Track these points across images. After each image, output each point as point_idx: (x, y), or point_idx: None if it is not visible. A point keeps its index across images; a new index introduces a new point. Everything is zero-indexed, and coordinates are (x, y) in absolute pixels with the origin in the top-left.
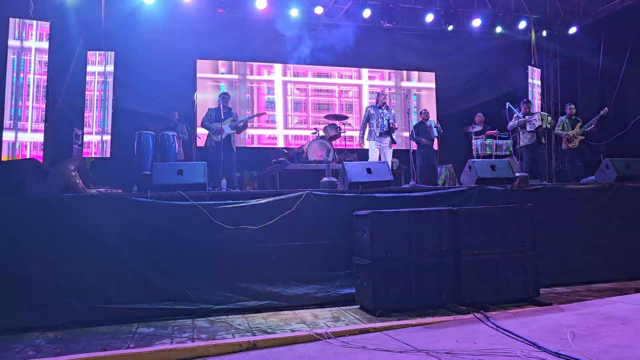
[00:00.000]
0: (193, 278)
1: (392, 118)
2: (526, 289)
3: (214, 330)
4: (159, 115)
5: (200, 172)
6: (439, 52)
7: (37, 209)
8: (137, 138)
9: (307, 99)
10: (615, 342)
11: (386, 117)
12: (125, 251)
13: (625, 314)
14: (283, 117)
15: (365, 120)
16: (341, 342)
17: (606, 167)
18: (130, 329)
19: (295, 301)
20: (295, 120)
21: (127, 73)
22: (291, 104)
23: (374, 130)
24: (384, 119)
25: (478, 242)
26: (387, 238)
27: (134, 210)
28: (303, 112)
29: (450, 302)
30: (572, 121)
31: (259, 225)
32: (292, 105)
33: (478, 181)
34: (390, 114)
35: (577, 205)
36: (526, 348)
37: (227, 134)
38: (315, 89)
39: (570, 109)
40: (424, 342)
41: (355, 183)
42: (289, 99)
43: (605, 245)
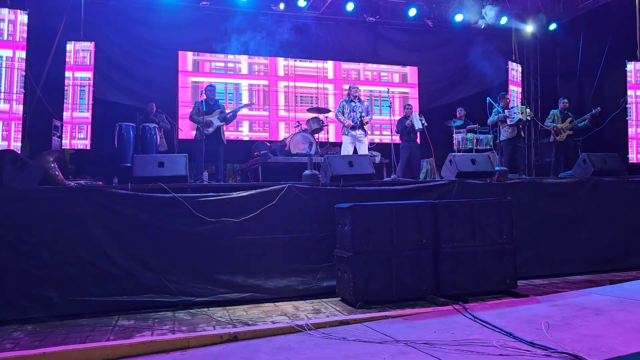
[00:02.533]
0: (174, 270)
1: (364, 111)
2: (504, 281)
3: (194, 323)
4: (141, 107)
5: (182, 165)
6: (422, 47)
7: (16, 201)
8: (117, 130)
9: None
10: (589, 332)
11: (359, 109)
12: (106, 244)
13: (599, 304)
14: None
15: (339, 112)
16: (321, 334)
17: (583, 162)
18: (110, 321)
19: (277, 293)
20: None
21: (107, 64)
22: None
23: (348, 123)
24: (357, 112)
25: (458, 235)
26: (368, 231)
27: (115, 202)
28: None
29: (430, 294)
30: (563, 115)
31: (240, 218)
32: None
33: (458, 175)
34: (364, 106)
35: (555, 199)
36: (502, 338)
37: (217, 126)
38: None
39: (563, 103)
40: (403, 333)
41: (337, 176)
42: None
43: (581, 238)
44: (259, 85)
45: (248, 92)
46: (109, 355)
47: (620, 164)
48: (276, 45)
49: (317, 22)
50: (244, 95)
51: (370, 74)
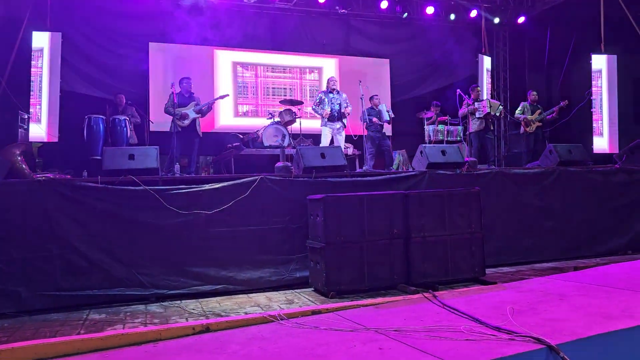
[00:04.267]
0: (145, 263)
1: (343, 102)
2: (473, 269)
3: (167, 315)
4: (110, 99)
5: (153, 157)
6: (394, 39)
7: None
8: (87, 122)
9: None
10: (552, 316)
11: (337, 101)
12: (75, 237)
13: (562, 290)
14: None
15: (316, 105)
16: (294, 323)
17: (549, 153)
18: (81, 315)
19: (250, 285)
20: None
21: (75, 55)
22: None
23: (326, 113)
24: (335, 104)
25: (428, 225)
26: (340, 221)
27: (84, 195)
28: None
29: (401, 283)
30: (532, 107)
31: (212, 210)
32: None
33: (429, 166)
34: (342, 98)
35: (522, 189)
36: (469, 324)
37: (192, 118)
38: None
39: (532, 95)
40: (374, 321)
41: (309, 168)
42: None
43: (548, 227)
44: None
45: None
46: (80, 349)
47: (585, 154)
48: (248, 37)
49: (289, 14)
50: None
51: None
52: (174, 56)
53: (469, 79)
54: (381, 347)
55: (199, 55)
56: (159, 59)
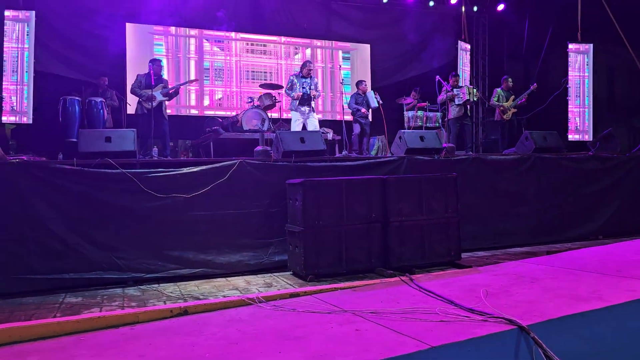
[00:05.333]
0: (123, 247)
1: (314, 87)
2: (449, 253)
3: (144, 298)
4: (86, 80)
5: (130, 140)
6: (375, 24)
7: None
8: (62, 104)
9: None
10: (524, 298)
11: (308, 85)
12: (50, 221)
13: (535, 273)
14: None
15: (288, 90)
16: (272, 306)
17: (525, 139)
18: (57, 299)
19: (229, 268)
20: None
21: (49, 35)
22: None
23: (297, 95)
24: (306, 88)
25: (405, 210)
26: (319, 206)
27: (60, 178)
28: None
29: (378, 266)
30: (507, 94)
31: (191, 194)
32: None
33: (407, 151)
34: (313, 82)
35: (498, 175)
36: (444, 306)
37: (159, 101)
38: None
39: (507, 82)
40: (351, 303)
41: (288, 152)
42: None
43: (522, 212)
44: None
45: (199, 67)
46: (55, 332)
47: (560, 141)
48: (227, 20)
49: None
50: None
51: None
52: (152, 38)
53: (448, 66)
54: (358, 329)
55: (176, 37)
56: (136, 40)
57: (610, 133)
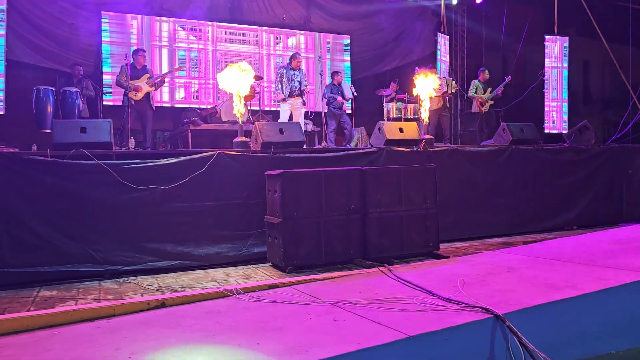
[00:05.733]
0: (99, 239)
1: (303, 80)
2: (427, 244)
3: (121, 291)
4: (60, 70)
5: (106, 131)
6: (354, 16)
7: None
8: (35, 94)
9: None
10: (500, 287)
11: (297, 78)
12: (24, 213)
13: (511, 263)
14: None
15: (278, 82)
16: (250, 297)
17: (503, 131)
18: (31, 292)
19: (207, 260)
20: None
21: (22, 23)
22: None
23: (284, 92)
24: (295, 81)
25: (384, 201)
26: (297, 197)
27: (33, 169)
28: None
29: (357, 257)
30: (484, 85)
31: (168, 185)
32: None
33: (387, 143)
34: (302, 75)
35: (476, 166)
36: (422, 296)
37: (145, 91)
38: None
39: (484, 74)
40: (330, 294)
41: (267, 143)
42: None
43: (499, 203)
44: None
45: (176, 57)
46: (29, 326)
47: (537, 133)
48: (204, 9)
49: None
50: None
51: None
52: (128, 27)
53: (428, 57)
54: (336, 319)
55: (153, 27)
56: (112, 29)
57: (585, 125)
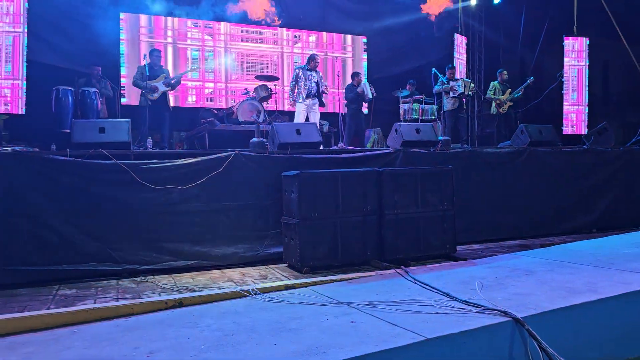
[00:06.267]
0: (118, 239)
1: (320, 81)
2: (444, 245)
3: (139, 290)
4: (80, 70)
5: (124, 130)
6: (371, 17)
7: None
8: (55, 94)
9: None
10: (519, 290)
11: (314, 79)
12: (44, 212)
13: (529, 266)
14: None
15: (293, 82)
16: (267, 298)
17: (521, 133)
18: (51, 290)
19: (224, 260)
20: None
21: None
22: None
23: (302, 92)
24: (312, 81)
25: (401, 202)
26: (314, 198)
27: (53, 169)
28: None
29: (374, 258)
30: (502, 86)
31: (186, 185)
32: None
33: (403, 144)
34: (319, 76)
35: (494, 168)
36: (439, 298)
37: (162, 91)
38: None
39: (502, 75)
40: (347, 295)
41: (284, 144)
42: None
43: (517, 205)
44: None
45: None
46: (49, 324)
47: (555, 135)
48: (221, 10)
49: None
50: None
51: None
52: (146, 28)
53: (444, 58)
54: (353, 321)
55: (171, 27)
56: (130, 30)
57: (605, 127)
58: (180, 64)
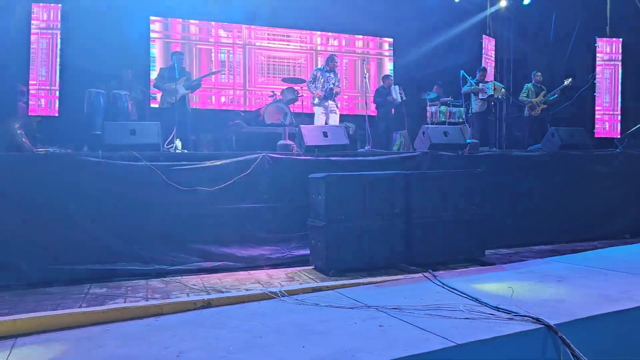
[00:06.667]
0: (147, 239)
1: (337, 82)
2: (472, 250)
3: (168, 290)
4: (111, 73)
5: (154, 132)
6: (398, 18)
7: None
8: (87, 97)
9: (264, 62)
10: (550, 296)
11: (332, 80)
12: (76, 212)
13: (561, 272)
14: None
15: (310, 82)
16: (294, 300)
17: (552, 136)
18: (82, 289)
19: (250, 262)
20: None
21: (75, 29)
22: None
23: (319, 94)
24: (330, 82)
25: (429, 205)
26: (341, 200)
27: (85, 170)
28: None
29: (401, 262)
30: (536, 88)
31: (214, 187)
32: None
33: (431, 147)
34: (337, 78)
35: (523, 172)
36: (469, 303)
37: (182, 94)
38: (271, 52)
39: (537, 77)
40: (374, 299)
41: (311, 146)
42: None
43: (547, 209)
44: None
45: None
46: (82, 322)
47: (587, 138)
48: (249, 13)
49: None
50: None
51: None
52: (175, 31)
53: (472, 61)
54: (381, 324)
55: (199, 30)
56: (159, 33)
57: (638, 130)
58: (204, 66)
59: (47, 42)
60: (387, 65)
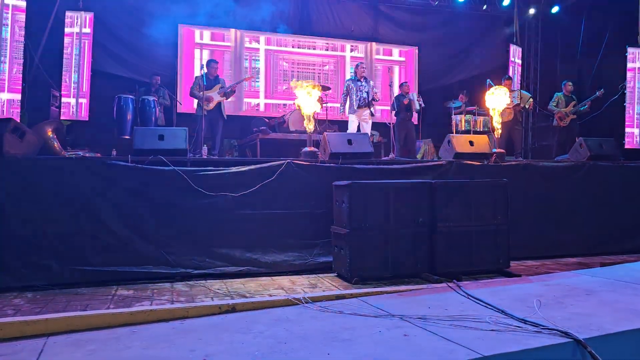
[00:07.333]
0: (172, 243)
1: (371, 90)
2: (497, 260)
3: (192, 294)
4: (139, 79)
5: (182, 138)
6: (423, 27)
7: (16, 170)
8: (116, 102)
9: (290, 69)
10: (579, 310)
11: (365, 89)
12: (105, 214)
13: (589, 285)
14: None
15: (345, 94)
16: (318, 307)
17: (580, 146)
18: (109, 291)
19: (274, 268)
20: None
21: (106, 36)
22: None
23: (353, 103)
24: (363, 91)
25: (453, 215)
26: (365, 208)
27: (114, 174)
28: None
29: (424, 271)
30: (567, 98)
31: (239, 193)
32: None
33: (456, 156)
34: (369, 85)
35: (550, 182)
36: (494, 315)
37: (217, 101)
38: (297, 59)
39: (568, 86)
40: (398, 308)
41: (335, 154)
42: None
43: (575, 221)
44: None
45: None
46: (110, 323)
47: (616, 149)
48: (276, 21)
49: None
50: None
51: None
52: (203, 38)
53: (498, 69)
54: (406, 334)
55: (227, 38)
56: (187, 41)
57: None
58: (235, 73)
59: (80, 48)
60: (413, 74)
